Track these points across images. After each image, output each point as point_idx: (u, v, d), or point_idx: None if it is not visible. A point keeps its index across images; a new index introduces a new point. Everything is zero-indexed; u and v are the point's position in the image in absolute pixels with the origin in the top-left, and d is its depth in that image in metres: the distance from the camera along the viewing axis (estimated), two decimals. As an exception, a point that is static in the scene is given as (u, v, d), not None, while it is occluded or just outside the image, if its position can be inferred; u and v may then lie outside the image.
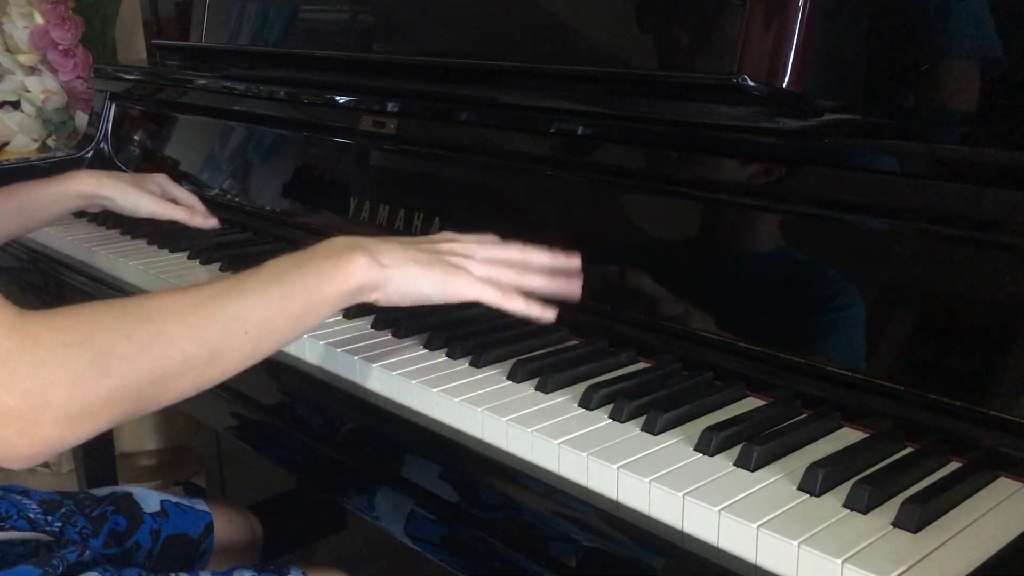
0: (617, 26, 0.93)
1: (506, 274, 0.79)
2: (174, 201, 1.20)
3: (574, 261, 0.83)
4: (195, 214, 1.19)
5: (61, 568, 0.82)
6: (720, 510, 0.58)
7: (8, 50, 1.87)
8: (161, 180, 1.21)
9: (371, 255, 0.73)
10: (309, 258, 0.72)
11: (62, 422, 0.57)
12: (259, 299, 0.68)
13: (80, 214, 1.36)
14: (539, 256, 0.81)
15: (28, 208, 1.09)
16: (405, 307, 0.78)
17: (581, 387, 0.74)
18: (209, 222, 1.19)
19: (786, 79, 0.79)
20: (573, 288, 0.81)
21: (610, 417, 0.71)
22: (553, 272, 0.81)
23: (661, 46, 0.90)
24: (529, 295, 0.79)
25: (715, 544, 0.58)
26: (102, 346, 0.59)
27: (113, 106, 1.57)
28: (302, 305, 0.70)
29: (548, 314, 0.78)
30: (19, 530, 0.91)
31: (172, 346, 0.63)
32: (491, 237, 0.82)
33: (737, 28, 0.81)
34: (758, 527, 0.56)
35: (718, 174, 0.81)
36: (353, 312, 0.93)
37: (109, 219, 1.32)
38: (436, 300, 0.77)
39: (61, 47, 1.82)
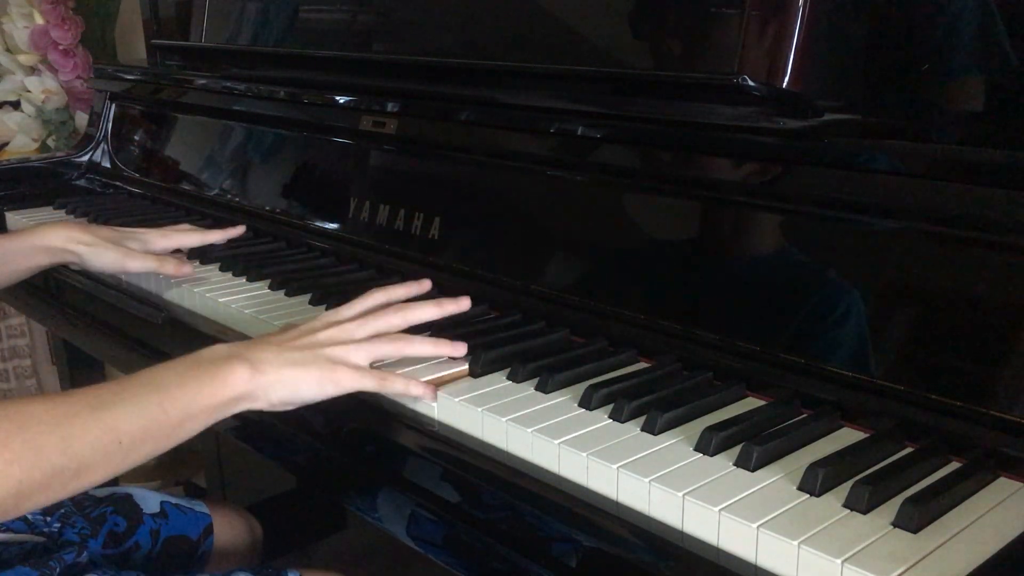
0: (617, 26, 0.93)
1: (388, 349, 0.78)
2: (176, 251, 1.13)
3: (463, 304, 0.84)
4: (164, 263, 1.06)
5: (58, 570, 0.82)
6: (720, 510, 0.58)
7: (8, 50, 1.87)
8: (148, 236, 1.11)
9: (250, 364, 0.72)
10: (187, 367, 0.71)
11: None
12: (135, 409, 0.67)
13: (79, 216, 1.36)
14: (424, 311, 0.81)
15: (7, 258, 1.05)
16: None
17: (581, 387, 0.74)
18: (182, 270, 1.06)
19: (786, 79, 0.79)
20: (458, 349, 0.80)
21: (610, 417, 0.71)
22: (442, 314, 0.82)
23: (661, 46, 0.90)
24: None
25: (715, 544, 0.58)
26: None
27: (113, 106, 1.57)
28: (179, 415, 0.69)
29: (428, 393, 0.76)
30: (16, 531, 0.91)
31: (42, 457, 0.62)
32: (372, 300, 0.82)
33: (737, 28, 0.81)
34: (758, 527, 0.56)
35: (718, 174, 0.81)
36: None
37: (109, 219, 1.32)
38: (317, 399, 0.76)
39: (61, 47, 1.82)
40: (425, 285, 0.88)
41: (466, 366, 0.80)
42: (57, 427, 0.63)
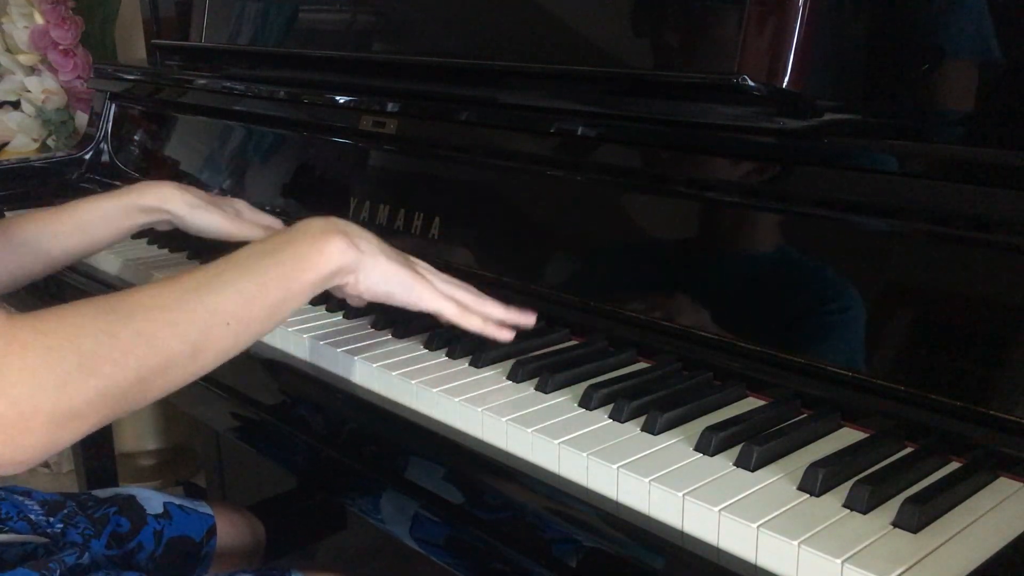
0: (617, 26, 0.93)
1: (465, 296, 0.80)
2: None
3: (528, 319, 0.83)
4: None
5: (59, 571, 0.82)
6: (720, 510, 0.58)
7: (8, 50, 1.87)
8: (239, 204, 1.09)
9: (348, 237, 0.73)
10: (285, 243, 0.72)
11: (51, 426, 0.57)
12: (237, 291, 0.68)
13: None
14: (493, 307, 0.82)
15: (88, 226, 1.01)
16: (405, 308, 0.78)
17: (581, 387, 0.74)
18: None
19: (786, 79, 0.79)
20: (527, 319, 0.82)
21: (610, 417, 0.71)
22: (506, 318, 0.82)
23: (661, 46, 0.91)
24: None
25: (715, 544, 0.58)
26: (88, 349, 0.59)
27: (113, 106, 1.57)
28: (280, 293, 0.70)
29: (505, 334, 0.78)
30: (19, 532, 0.91)
31: (155, 344, 0.62)
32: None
33: (737, 28, 0.81)
34: (758, 527, 0.56)
35: (718, 174, 0.81)
36: (353, 311, 0.93)
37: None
38: (398, 300, 0.78)
39: (61, 47, 1.82)
40: (530, 319, 0.85)
41: (467, 366, 0.80)
42: (164, 313, 0.64)
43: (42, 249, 0.98)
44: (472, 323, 0.79)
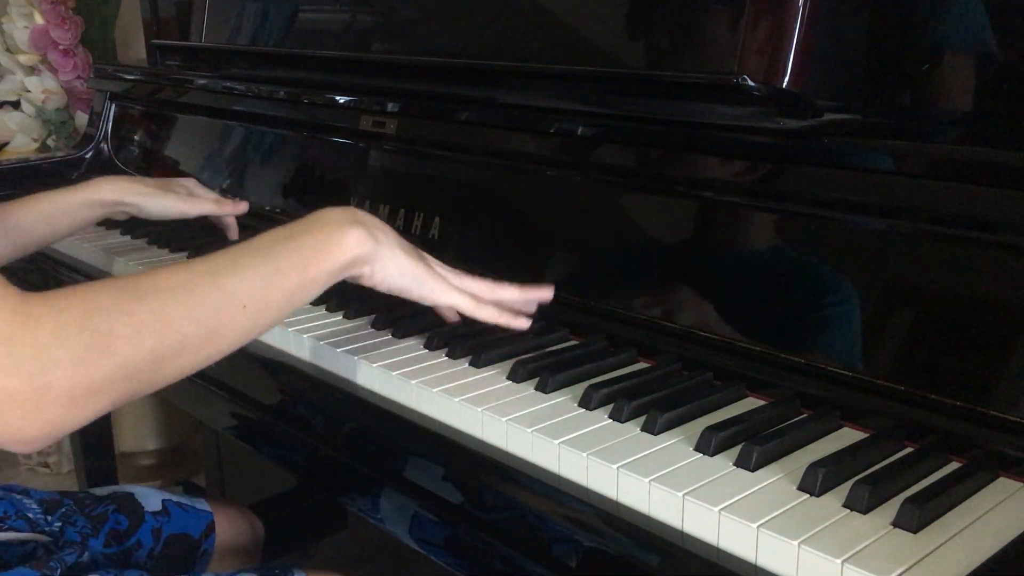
0: (617, 26, 0.93)
1: (478, 287, 0.81)
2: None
3: (547, 293, 0.84)
4: (223, 204, 1.17)
5: (59, 571, 0.82)
6: (720, 510, 0.58)
7: (8, 50, 1.87)
8: (189, 184, 1.18)
9: (366, 228, 0.74)
10: (303, 230, 0.72)
11: (65, 403, 0.57)
12: (255, 275, 0.68)
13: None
14: (508, 292, 0.83)
15: (51, 218, 1.07)
16: (406, 305, 0.78)
17: (581, 387, 0.74)
18: (239, 207, 1.17)
19: (786, 79, 0.79)
20: (545, 294, 0.83)
21: (610, 417, 0.71)
22: (522, 295, 0.83)
23: (661, 46, 0.91)
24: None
25: (715, 544, 0.58)
26: (102, 326, 0.59)
27: (113, 106, 1.57)
28: (297, 279, 0.70)
29: (520, 322, 0.79)
30: (18, 531, 0.91)
31: (170, 324, 0.62)
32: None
33: (737, 28, 0.81)
34: (758, 527, 0.56)
35: (718, 174, 0.81)
36: (353, 311, 0.93)
37: (109, 219, 1.32)
38: (412, 295, 0.79)
39: (61, 47, 1.82)
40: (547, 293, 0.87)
41: (467, 366, 0.80)
42: (179, 294, 0.64)
43: (8, 238, 1.02)
44: (487, 314, 0.79)
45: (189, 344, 0.64)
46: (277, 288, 0.69)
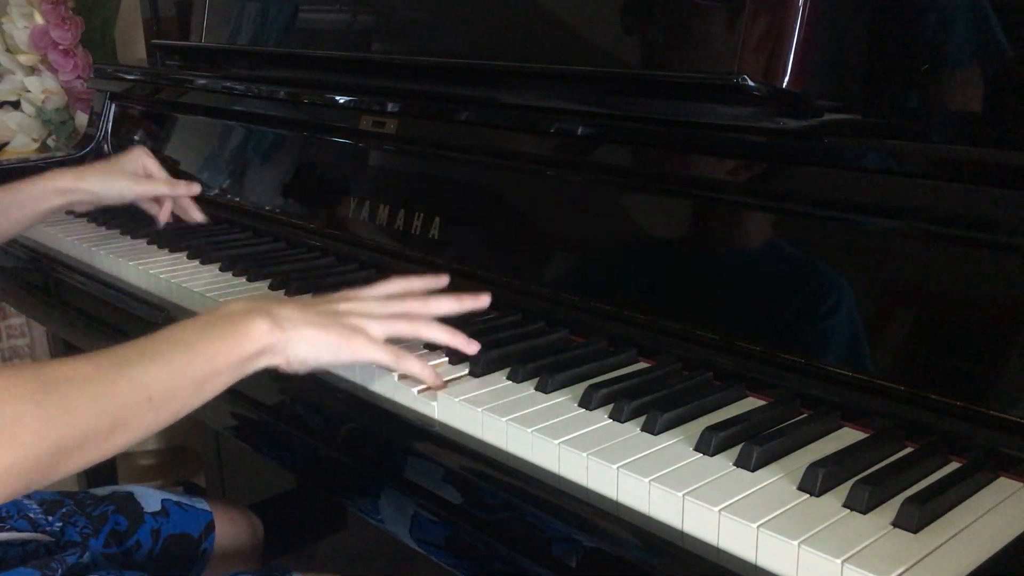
0: (617, 26, 0.93)
1: (405, 328, 0.78)
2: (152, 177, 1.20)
3: (482, 300, 0.83)
4: (176, 185, 1.19)
5: (60, 571, 0.82)
6: (720, 510, 0.58)
7: (8, 50, 1.87)
8: (139, 153, 1.20)
9: (272, 318, 0.73)
10: (211, 323, 0.72)
11: None
12: (162, 366, 0.67)
13: (80, 215, 1.36)
14: (443, 304, 0.81)
15: (8, 209, 1.09)
16: None
17: (581, 387, 0.74)
18: (192, 188, 1.19)
19: (786, 79, 0.79)
20: (471, 346, 0.80)
21: (610, 417, 0.71)
22: (455, 308, 0.81)
23: (661, 46, 0.91)
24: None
25: (715, 544, 0.58)
26: (8, 415, 0.58)
27: (113, 106, 1.57)
28: (204, 370, 0.69)
29: (438, 381, 0.77)
30: (19, 530, 0.91)
31: (76, 416, 0.61)
32: (392, 287, 0.82)
33: (737, 28, 0.81)
34: (758, 527, 0.56)
35: (718, 174, 0.81)
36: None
37: (109, 219, 1.32)
38: (334, 365, 0.77)
39: (61, 47, 1.82)
40: (443, 280, 0.86)
41: (467, 366, 0.80)
42: (87, 386, 0.63)
43: None
44: (410, 368, 0.77)
45: (92, 437, 0.63)
46: (185, 378, 0.68)
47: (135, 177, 1.17)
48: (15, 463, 0.58)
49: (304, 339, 0.74)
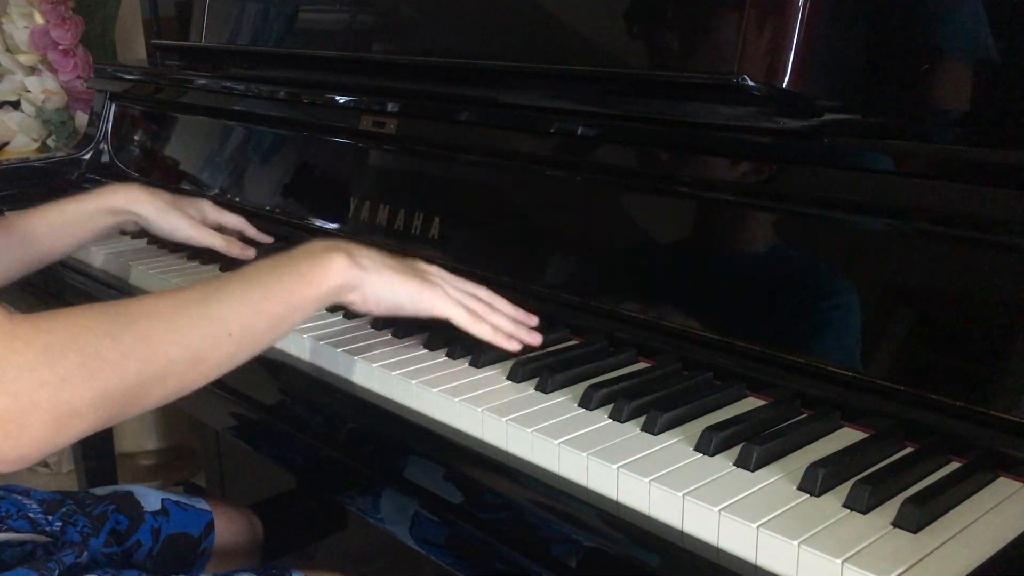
0: (617, 26, 0.93)
1: (477, 304, 0.81)
2: (218, 227, 1.14)
3: (532, 319, 0.85)
4: (232, 244, 1.10)
5: (57, 571, 0.82)
6: (720, 510, 0.58)
7: (8, 50, 1.87)
8: (204, 206, 1.14)
9: (350, 256, 0.75)
10: (289, 260, 0.74)
11: (49, 424, 0.57)
12: (241, 301, 0.69)
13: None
14: (503, 303, 0.84)
15: (59, 228, 1.04)
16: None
17: (581, 387, 0.74)
18: (247, 253, 1.10)
19: (786, 79, 0.79)
20: (534, 339, 0.82)
21: (610, 417, 0.71)
22: (515, 320, 0.83)
23: (661, 46, 0.91)
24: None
25: (715, 544, 0.58)
26: (89, 349, 0.59)
27: (113, 106, 1.57)
28: (282, 306, 0.71)
29: (513, 344, 0.79)
30: (18, 531, 0.91)
31: (157, 349, 0.63)
32: (477, 288, 0.84)
33: (737, 28, 0.81)
34: (758, 527, 0.56)
35: (718, 174, 0.81)
36: (353, 312, 0.93)
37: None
38: (409, 311, 0.79)
39: (61, 47, 1.82)
40: (532, 319, 0.86)
41: (466, 366, 0.80)
42: (166, 320, 0.65)
43: (15, 255, 1.00)
44: (482, 331, 0.79)
45: (174, 369, 0.64)
46: (263, 315, 0.70)
47: (191, 220, 1.10)
48: (96, 396, 0.59)
49: (384, 280, 0.77)
